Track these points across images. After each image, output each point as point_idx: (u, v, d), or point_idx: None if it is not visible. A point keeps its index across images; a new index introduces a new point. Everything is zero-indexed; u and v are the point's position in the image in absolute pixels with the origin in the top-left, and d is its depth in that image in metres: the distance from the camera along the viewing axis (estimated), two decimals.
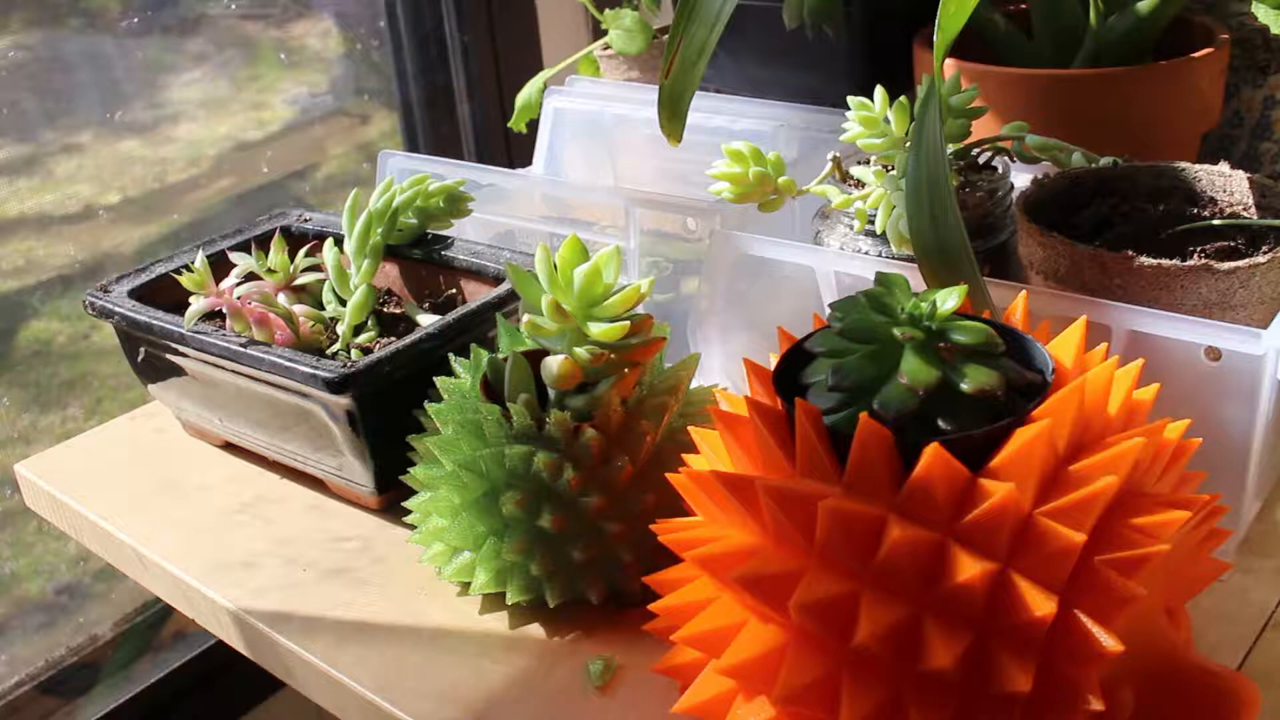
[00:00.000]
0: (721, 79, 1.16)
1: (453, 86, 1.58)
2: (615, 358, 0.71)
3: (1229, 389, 0.67)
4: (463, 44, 1.56)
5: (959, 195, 0.80)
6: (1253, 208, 0.78)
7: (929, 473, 0.52)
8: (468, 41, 1.55)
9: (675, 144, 0.72)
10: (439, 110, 1.60)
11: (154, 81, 1.33)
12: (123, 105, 1.30)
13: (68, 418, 1.29)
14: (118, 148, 1.31)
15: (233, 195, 1.44)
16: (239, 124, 1.44)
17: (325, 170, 1.58)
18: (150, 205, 1.35)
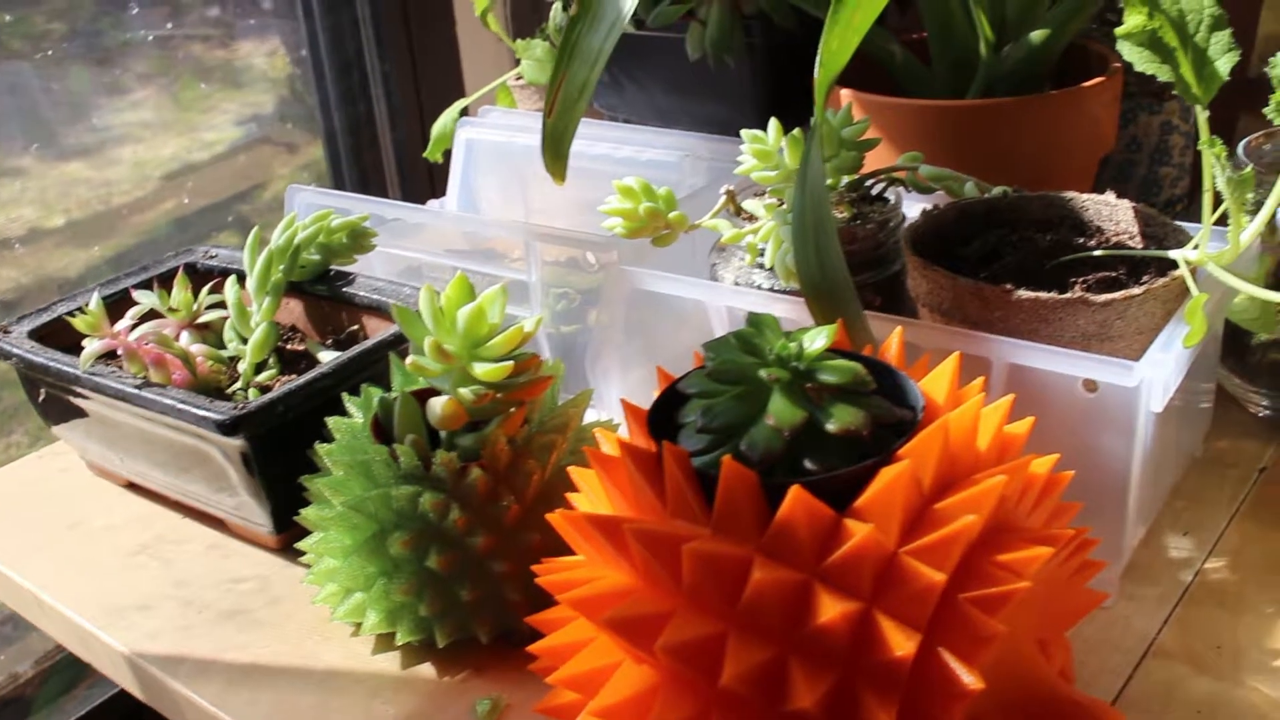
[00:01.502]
0: (630, 109, 1.16)
1: (374, 115, 1.58)
2: (502, 397, 0.71)
3: (1107, 420, 0.68)
4: (383, 72, 1.56)
5: (850, 227, 0.81)
6: (1138, 236, 0.79)
7: (792, 514, 0.53)
8: (388, 70, 1.55)
9: (560, 183, 0.72)
10: (362, 138, 1.59)
11: (98, 104, 1.33)
12: (65, 128, 1.29)
13: (11, 444, 1.29)
14: (62, 170, 1.30)
15: (178, 217, 1.43)
16: (184, 145, 1.43)
17: (272, 191, 1.58)
18: (95, 228, 1.34)
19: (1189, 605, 0.72)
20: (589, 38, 0.70)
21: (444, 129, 1.24)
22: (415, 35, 1.57)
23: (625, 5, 0.70)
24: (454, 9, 1.58)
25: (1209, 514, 0.80)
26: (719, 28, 1.01)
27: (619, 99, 1.16)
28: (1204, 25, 0.65)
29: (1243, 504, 0.81)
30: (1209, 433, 0.87)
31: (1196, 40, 0.65)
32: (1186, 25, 0.65)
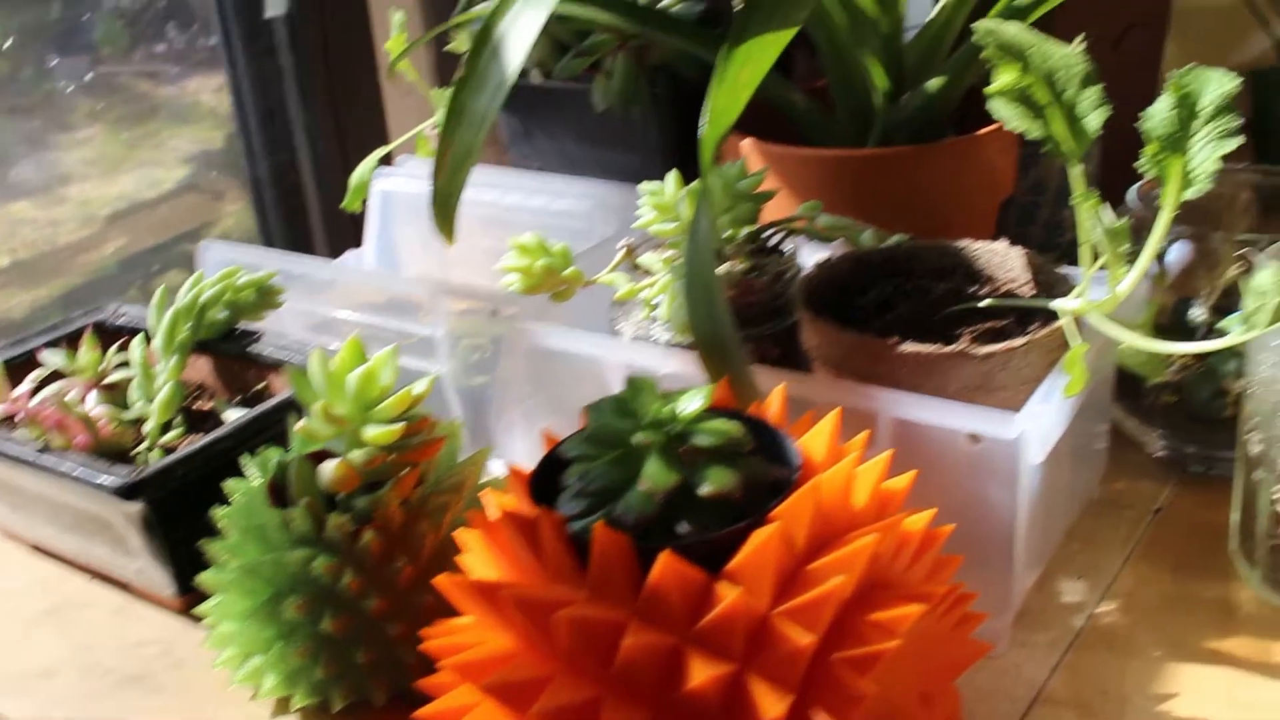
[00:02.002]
0: (543, 159, 1.17)
1: (298, 163, 1.58)
2: (394, 459, 0.71)
3: (991, 471, 0.68)
4: (305, 121, 1.56)
5: (747, 279, 0.81)
6: (1028, 284, 0.80)
7: (662, 579, 0.53)
8: (311, 119, 1.55)
9: (450, 243, 0.72)
10: (286, 187, 1.59)
11: (44, 141, 1.32)
12: (11, 166, 1.29)
13: None
14: (8, 209, 1.30)
15: (125, 257, 1.43)
16: (132, 183, 1.43)
17: (221, 227, 1.57)
18: (42, 268, 1.33)
19: (1079, 650, 0.73)
20: (475, 101, 0.70)
21: (361, 179, 1.24)
22: (338, 83, 1.57)
23: (510, 68, 0.70)
24: (377, 57, 1.58)
25: (1104, 556, 0.81)
26: (624, 80, 1.02)
27: (531, 149, 1.17)
28: (1074, 82, 0.66)
29: (1137, 546, 0.82)
30: (1106, 474, 0.88)
31: (1066, 97, 0.66)
32: (1056, 82, 0.66)
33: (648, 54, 1.03)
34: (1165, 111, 0.68)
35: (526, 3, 0.72)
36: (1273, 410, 0.72)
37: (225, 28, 1.52)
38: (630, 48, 1.02)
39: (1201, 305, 0.84)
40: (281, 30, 1.54)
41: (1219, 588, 0.78)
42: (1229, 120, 0.67)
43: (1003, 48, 0.65)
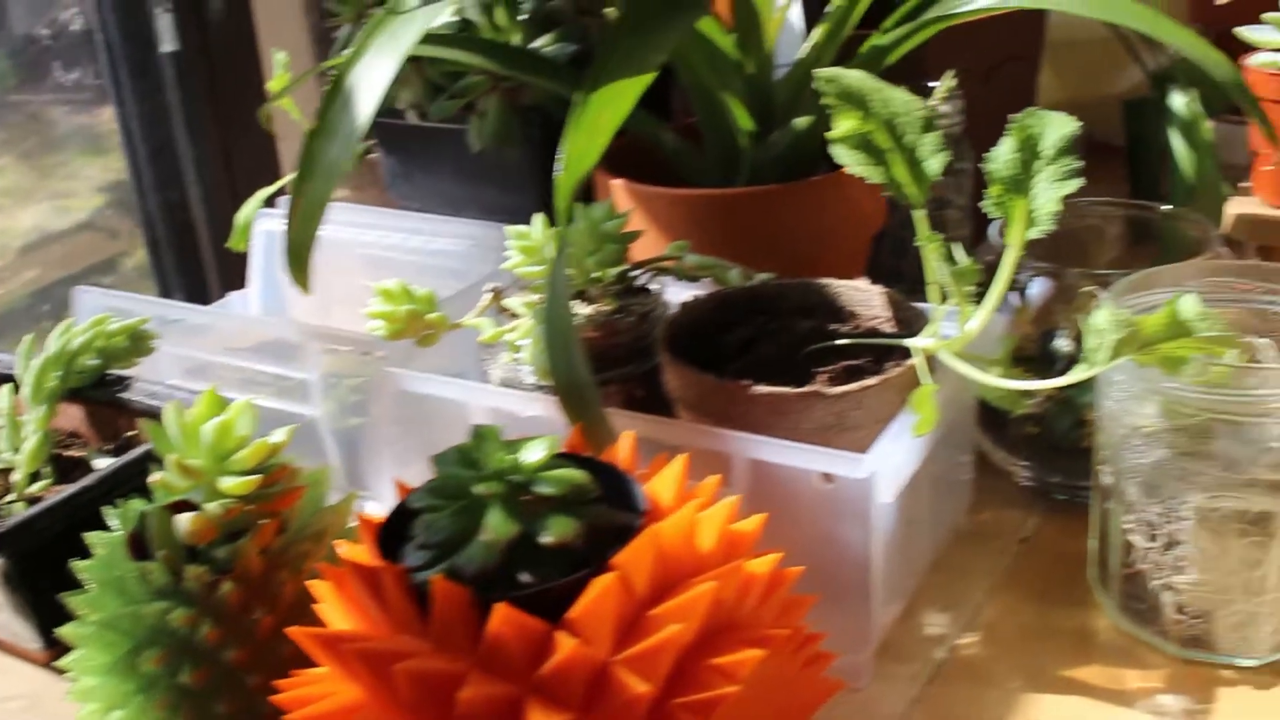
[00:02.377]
0: (422, 198, 1.17)
1: (188, 200, 1.57)
2: (253, 508, 0.71)
3: (844, 511, 0.69)
4: (195, 157, 1.55)
5: (611, 321, 0.82)
6: (889, 322, 0.82)
7: (500, 629, 0.54)
8: (200, 156, 1.55)
9: (306, 293, 0.73)
10: (178, 224, 1.59)
11: None
12: None
13: None
14: None
15: (38, 289, 1.41)
16: (44, 213, 1.41)
17: (134, 260, 1.56)
18: None
19: (940, 683, 0.74)
20: (327, 151, 0.71)
21: (245, 219, 1.23)
22: (227, 121, 1.56)
23: (361, 118, 0.71)
24: (267, 95, 1.57)
25: (968, 587, 0.82)
26: (497, 121, 1.03)
27: (411, 188, 1.17)
28: (914, 126, 0.67)
29: (1002, 576, 0.83)
30: (975, 503, 0.90)
31: (907, 141, 0.67)
32: (897, 127, 0.67)
33: (521, 95, 1.04)
34: (1008, 154, 0.69)
35: (378, 52, 0.72)
36: (1120, 443, 0.73)
37: (112, 64, 1.51)
38: (503, 89, 1.03)
39: (1066, 337, 0.86)
40: (169, 67, 1.53)
41: (1079, 616, 0.79)
42: (1070, 162, 0.69)
43: (843, 95, 0.66)
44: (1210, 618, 0.73)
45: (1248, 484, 0.69)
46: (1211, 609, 0.73)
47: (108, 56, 1.49)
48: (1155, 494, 0.72)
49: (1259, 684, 0.73)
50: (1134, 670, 0.75)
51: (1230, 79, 0.79)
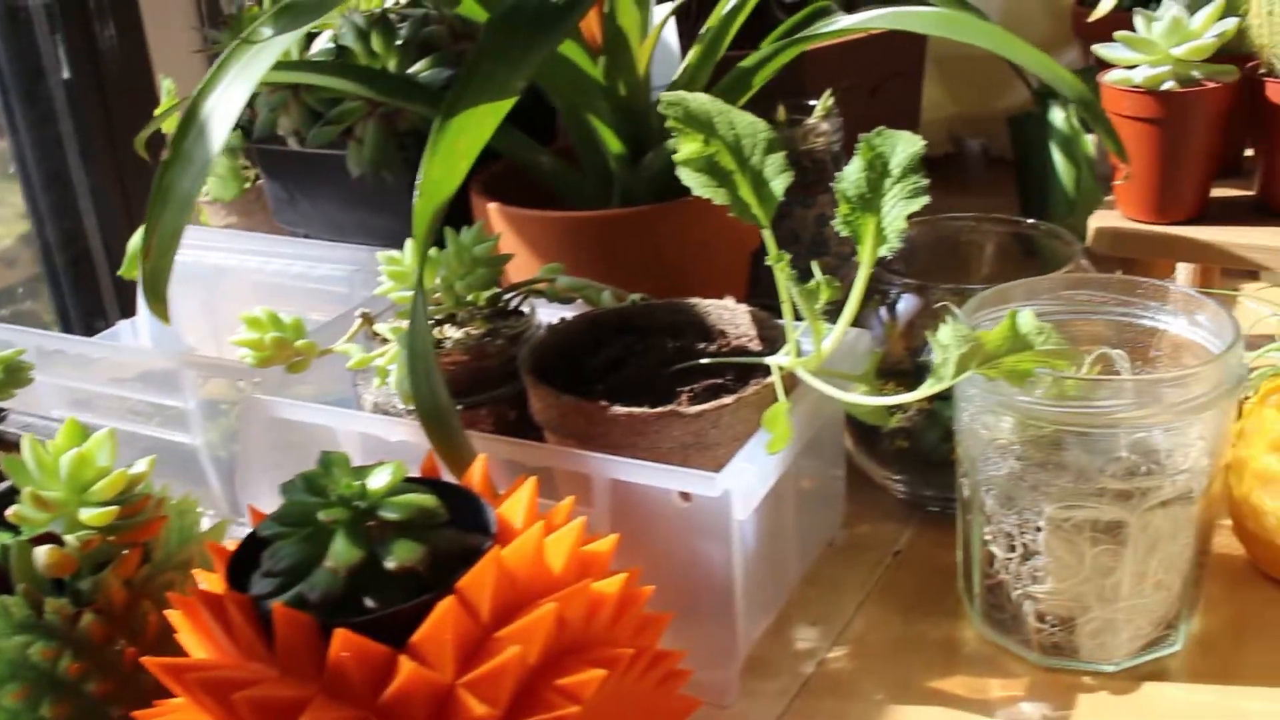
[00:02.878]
0: (307, 224, 1.17)
1: (85, 228, 1.56)
2: (114, 540, 0.71)
3: (704, 528, 0.70)
4: (91, 186, 1.54)
5: (481, 344, 0.82)
6: (756, 339, 0.82)
7: (342, 655, 0.54)
8: (95, 184, 1.54)
9: (166, 323, 0.72)
10: (75, 252, 1.58)
11: None
12: None
13: None
14: None
15: None
16: None
17: (33, 288, 1.55)
18: None
19: (806, 698, 0.75)
20: (180, 182, 0.71)
21: (136, 247, 1.23)
22: (121, 149, 1.55)
23: (214, 147, 0.71)
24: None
25: (840, 601, 0.83)
26: (375, 146, 1.03)
27: (296, 214, 1.17)
28: (759, 148, 0.68)
29: (874, 588, 0.84)
30: (851, 517, 0.90)
31: (753, 163, 0.68)
32: (743, 149, 0.68)
33: (398, 120, 1.04)
34: (857, 173, 0.70)
35: (231, 81, 0.72)
36: (976, 455, 0.74)
37: (4, 91, 1.50)
38: (379, 114, 1.03)
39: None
40: (60, 95, 1.53)
41: (947, 627, 0.80)
42: (917, 180, 0.70)
43: (687, 119, 0.67)
44: (1070, 625, 0.74)
45: (1098, 493, 0.70)
46: (1070, 617, 0.74)
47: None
48: (1011, 505, 0.73)
49: (1117, 689, 0.74)
50: (997, 679, 0.76)
51: (1076, 95, 0.80)
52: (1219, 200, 0.95)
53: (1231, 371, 0.70)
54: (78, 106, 1.52)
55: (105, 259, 1.57)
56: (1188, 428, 0.71)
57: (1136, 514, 0.70)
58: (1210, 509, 0.74)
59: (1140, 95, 0.89)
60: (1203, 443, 0.71)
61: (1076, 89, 0.80)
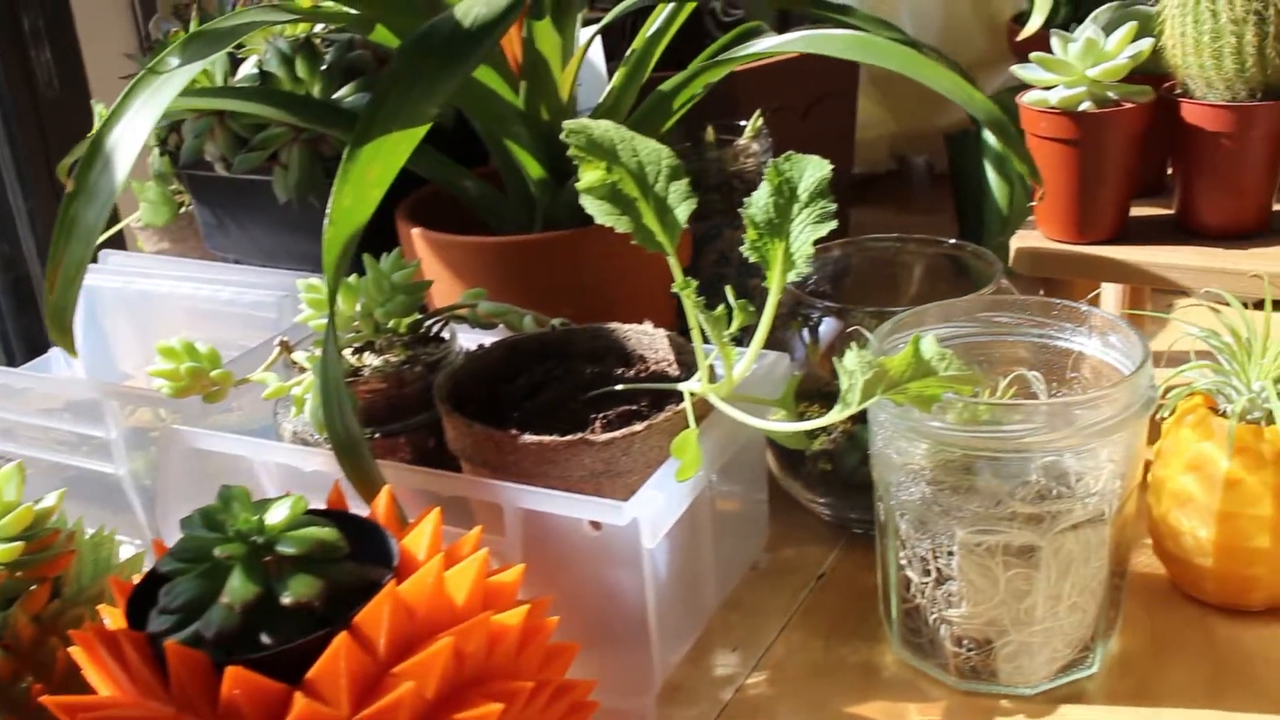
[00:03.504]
0: (237, 249, 1.17)
1: (24, 253, 1.56)
2: (21, 575, 0.70)
3: (615, 556, 0.70)
4: (28, 210, 1.54)
5: (399, 372, 0.82)
6: (674, 364, 0.82)
7: (235, 692, 0.54)
8: (32, 207, 1.53)
9: (73, 355, 0.72)
10: (14, 277, 1.57)
11: None
12: None
13: None
14: None
15: None
16: None
17: None
18: None
19: None
20: (84, 214, 0.70)
21: None
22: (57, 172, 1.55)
23: (119, 178, 0.70)
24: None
25: (762, 625, 0.83)
26: (300, 171, 1.03)
27: (226, 239, 1.17)
28: (663, 175, 0.68)
29: (796, 612, 0.84)
30: (778, 540, 0.90)
31: (656, 190, 0.68)
32: (646, 176, 0.68)
33: (323, 145, 1.03)
34: (765, 198, 0.70)
35: (135, 113, 0.72)
36: (890, 480, 0.74)
37: None
38: (304, 140, 1.03)
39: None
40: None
41: (867, 651, 0.80)
42: (825, 205, 0.70)
43: (590, 146, 0.67)
44: (986, 649, 0.74)
45: (1009, 517, 0.70)
46: (987, 640, 0.74)
47: None
48: (924, 530, 0.73)
49: (1035, 712, 0.74)
50: (915, 704, 0.76)
51: (987, 118, 0.81)
52: (1139, 220, 0.95)
53: (1141, 394, 0.71)
54: (13, 132, 1.52)
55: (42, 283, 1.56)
56: (1098, 450, 0.71)
57: (1048, 537, 0.70)
58: (1123, 531, 0.74)
59: (1056, 116, 0.90)
60: (1113, 465, 0.71)
61: (988, 112, 0.81)
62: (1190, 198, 0.92)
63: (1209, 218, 0.92)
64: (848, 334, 0.87)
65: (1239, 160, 0.88)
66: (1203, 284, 0.89)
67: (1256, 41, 0.85)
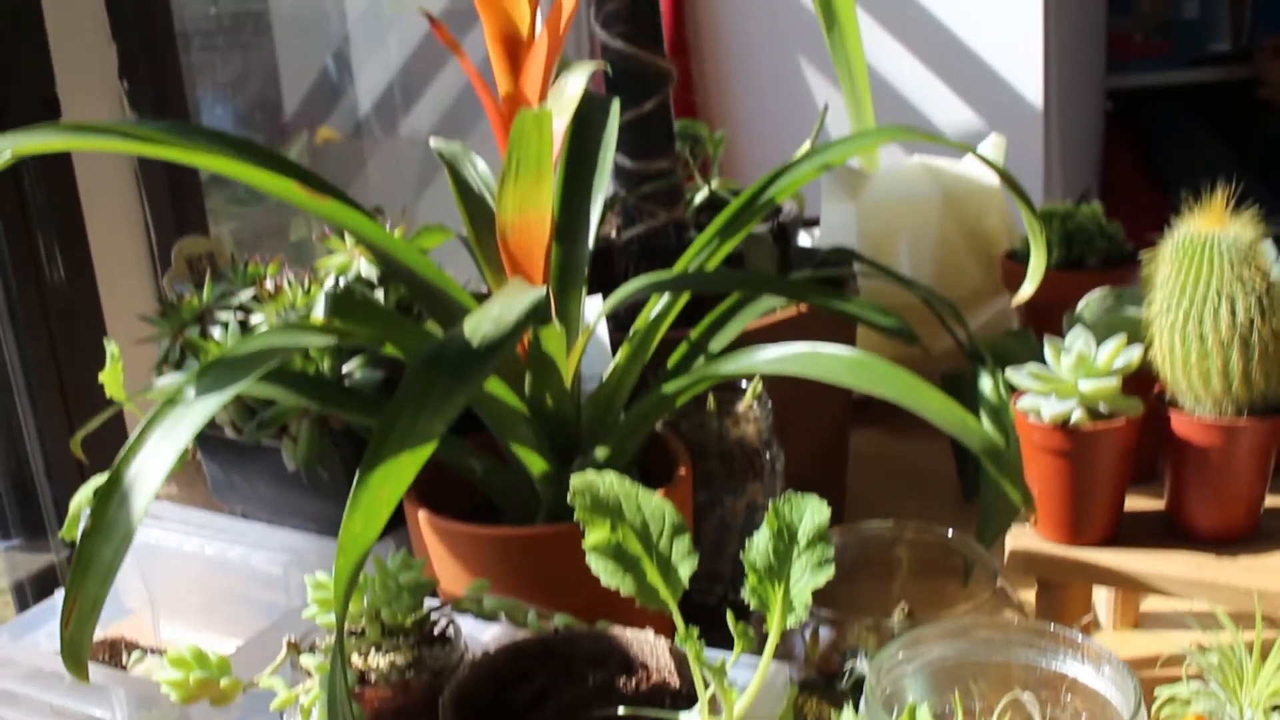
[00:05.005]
0: (244, 502, 1.19)
1: (33, 470, 1.57)
2: None
3: None
4: (37, 427, 1.55)
5: (403, 680, 0.83)
6: (674, 675, 0.84)
7: None
8: (42, 428, 1.55)
9: (85, 683, 0.73)
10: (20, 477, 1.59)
11: None
12: None
13: None
14: None
15: None
16: None
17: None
18: None
19: None
20: (102, 551, 0.72)
21: (76, 508, 1.24)
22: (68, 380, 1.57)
23: (136, 518, 0.72)
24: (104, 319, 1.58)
25: None
26: (309, 444, 1.05)
27: (234, 494, 1.19)
28: (665, 532, 0.70)
29: None
30: None
31: (660, 547, 0.70)
32: (650, 534, 0.70)
33: (332, 418, 1.06)
34: (764, 543, 0.72)
35: (155, 447, 0.74)
36: None
37: None
38: (313, 415, 1.05)
39: (852, 657, 0.88)
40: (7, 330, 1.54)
41: None
42: (825, 549, 0.72)
43: (595, 505, 0.69)
44: None
45: None
46: None
47: None
48: None
49: None
50: None
51: (982, 447, 0.83)
52: (1132, 515, 0.97)
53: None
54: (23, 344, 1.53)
55: (55, 510, 1.57)
56: None
57: None
58: None
59: (1050, 430, 0.92)
60: None
61: (983, 441, 0.83)
62: (1181, 500, 0.94)
63: (1199, 520, 0.94)
64: (846, 635, 0.88)
65: (1227, 472, 0.91)
66: (1193, 594, 0.90)
67: (1242, 364, 0.88)
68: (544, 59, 0.92)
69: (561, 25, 0.91)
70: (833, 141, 1.07)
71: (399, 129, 2.38)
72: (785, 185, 1.03)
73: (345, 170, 2.28)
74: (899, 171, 1.60)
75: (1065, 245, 1.45)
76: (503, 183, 0.87)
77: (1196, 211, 0.90)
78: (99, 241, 1.59)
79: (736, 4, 2.45)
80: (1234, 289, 0.87)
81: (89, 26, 1.56)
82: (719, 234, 1.04)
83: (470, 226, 1.02)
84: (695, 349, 1.08)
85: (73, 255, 1.56)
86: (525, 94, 0.93)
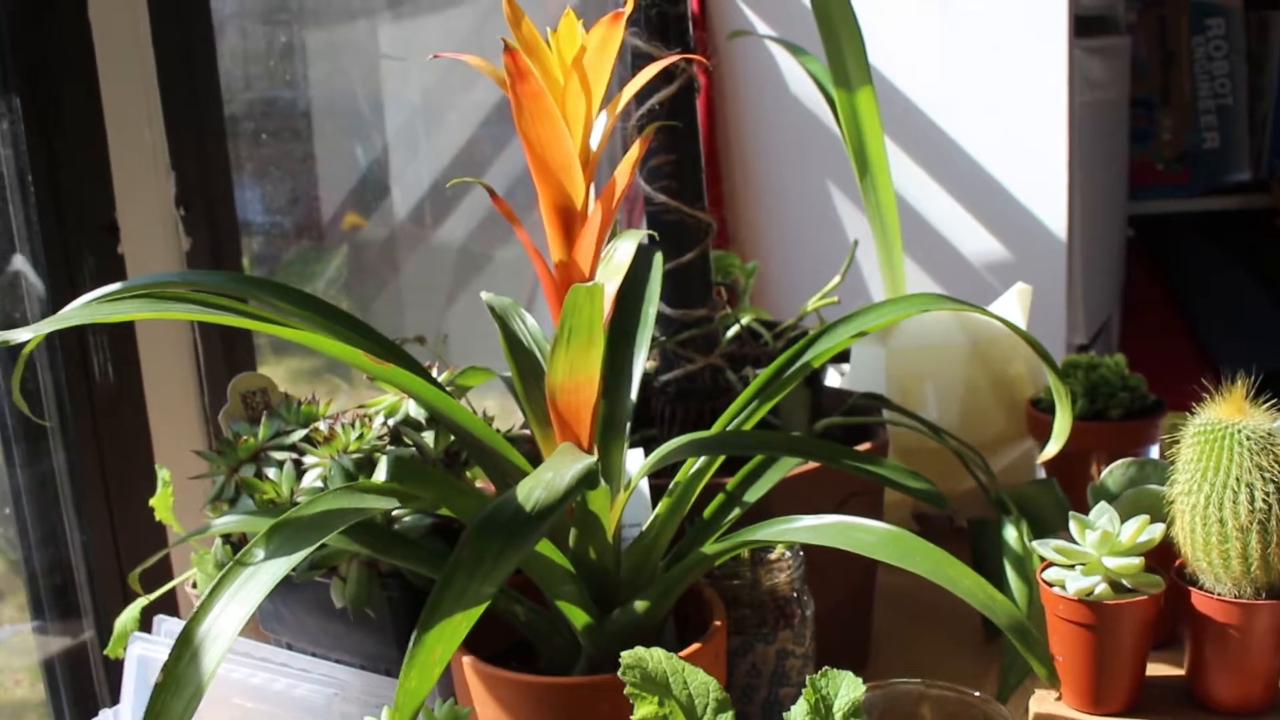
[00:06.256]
0: (291, 634, 1.22)
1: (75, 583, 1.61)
2: None
3: None
4: (83, 543, 1.59)
5: None
6: None
7: None
8: (87, 541, 1.59)
9: None
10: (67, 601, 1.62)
11: None
12: None
13: None
14: None
15: None
16: None
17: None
18: None
19: None
20: (173, 706, 0.76)
21: (122, 627, 1.28)
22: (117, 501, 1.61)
23: (206, 674, 0.76)
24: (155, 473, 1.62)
25: None
26: (358, 585, 1.09)
27: (280, 625, 1.22)
28: (710, 708, 0.74)
29: None
30: None
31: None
32: (695, 708, 0.74)
33: (381, 562, 1.10)
34: (801, 715, 0.75)
35: (227, 603, 0.78)
36: None
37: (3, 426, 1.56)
38: (362, 557, 1.09)
39: None
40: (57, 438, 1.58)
41: None
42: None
43: (644, 681, 0.73)
44: None
45: None
46: None
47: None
48: None
49: None
50: None
51: (1009, 623, 0.87)
52: (1153, 682, 1.00)
53: None
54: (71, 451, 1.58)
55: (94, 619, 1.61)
56: None
57: None
58: None
59: (1074, 603, 0.95)
60: None
61: (1010, 617, 0.87)
62: (1201, 672, 0.98)
63: (1219, 693, 0.97)
64: None
65: (1246, 648, 0.94)
66: None
67: (1260, 548, 0.92)
68: (597, 231, 0.96)
69: (615, 201, 0.96)
70: (868, 308, 1.11)
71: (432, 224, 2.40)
72: (821, 352, 1.08)
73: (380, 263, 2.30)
74: (928, 318, 1.65)
75: (1089, 396, 1.49)
76: (555, 347, 0.91)
77: (1217, 399, 0.94)
78: (146, 344, 1.64)
79: (770, 135, 2.51)
80: (1253, 476, 0.91)
81: (149, 156, 1.61)
82: (757, 395, 1.09)
83: (519, 379, 1.07)
84: (731, 499, 1.13)
85: (122, 353, 1.60)
86: (578, 263, 0.97)
